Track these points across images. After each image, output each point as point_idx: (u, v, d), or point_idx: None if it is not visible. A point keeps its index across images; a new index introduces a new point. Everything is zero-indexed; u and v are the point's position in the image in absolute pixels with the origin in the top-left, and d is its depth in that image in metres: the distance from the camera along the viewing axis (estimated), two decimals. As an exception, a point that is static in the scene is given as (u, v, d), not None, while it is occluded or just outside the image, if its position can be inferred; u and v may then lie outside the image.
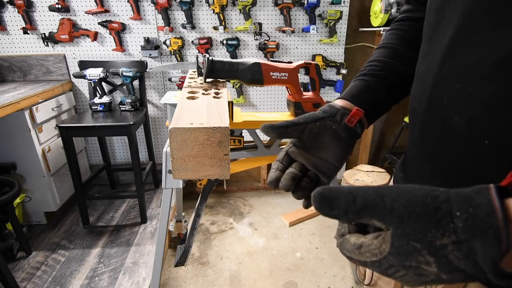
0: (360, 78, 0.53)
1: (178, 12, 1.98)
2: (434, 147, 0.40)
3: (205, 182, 1.36)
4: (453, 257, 0.24)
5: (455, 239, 0.23)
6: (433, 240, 0.24)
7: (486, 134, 0.32)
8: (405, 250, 0.25)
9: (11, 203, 1.47)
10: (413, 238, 0.25)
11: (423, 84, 0.41)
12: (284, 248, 1.86)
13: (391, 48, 0.53)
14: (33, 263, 1.58)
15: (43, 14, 1.94)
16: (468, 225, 0.23)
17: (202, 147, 0.47)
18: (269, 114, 1.24)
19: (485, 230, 0.22)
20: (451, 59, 0.35)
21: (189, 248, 1.45)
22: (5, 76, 2.05)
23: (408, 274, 0.26)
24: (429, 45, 0.40)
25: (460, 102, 0.34)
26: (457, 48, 0.34)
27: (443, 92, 0.36)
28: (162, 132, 2.30)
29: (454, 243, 0.23)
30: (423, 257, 0.25)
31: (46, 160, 1.78)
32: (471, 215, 0.23)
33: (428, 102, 0.39)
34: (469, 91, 0.33)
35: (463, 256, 0.23)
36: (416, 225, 0.25)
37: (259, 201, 2.35)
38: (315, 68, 1.10)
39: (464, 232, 0.23)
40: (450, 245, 0.24)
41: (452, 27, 0.34)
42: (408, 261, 0.25)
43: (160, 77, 2.15)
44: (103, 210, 2.05)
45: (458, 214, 0.23)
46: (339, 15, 2.02)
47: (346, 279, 1.64)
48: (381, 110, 0.53)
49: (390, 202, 0.26)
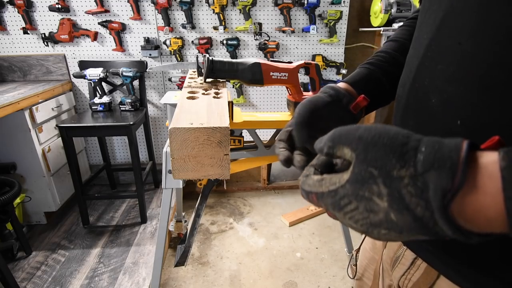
0: (365, 66, 0.53)
1: (178, 12, 1.98)
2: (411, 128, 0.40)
3: (205, 182, 1.36)
4: (406, 192, 0.23)
5: (413, 172, 0.23)
6: (391, 170, 0.24)
7: (459, 115, 0.32)
8: (362, 176, 0.25)
9: (11, 203, 1.47)
10: (372, 165, 0.25)
11: (409, 68, 0.41)
12: (284, 248, 1.86)
13: (400, 42, 0.54)
14: (33, 263, 1.58)
15: (43, 14, 1.94)
16: (429, 158, 0.23)
17: (202, 147, 0.47)
18: (269, 114, 1.24)
19: (443, 163, 0.22)
20: (437, 41, 0.35)
21: (189, 248, 1.45)
22: (5, 76, 2.05)
23: (358, 208, 0.26)
24: (419, 29, 0.40)
25: (440, 83, 0.34)
26: (444, 30, 0.34)
27: (425, 74, 0.37)
28: (162, 132, 2.30)
29: (411, 177, 0.23)
30: (377, 186, 0.25)
31: (46, 160, 1.78)
32: (435, 150, 0.23)
33: (411, 85, 0.40)
34: (449, 72, 0.33)
35: (416, 193, 0.23)
36: (379, 153, 0.25)
37: (259, 201, 2.35)
38: (315, 68, 1.10)
39: (423, 165, 0.23)
40: (406, 178, 0.23)
41: (442, 10, 0.35)
42: (362, 189, 0.25)
43: (160, 77, 2.15)
44: (103, 210, 2.05)
45: (423, 150, 0.23)
46: (339, 15, 2.02)
47: (346, 279, 1.64)
48: (381, 101, 0.53)
49: (362, 131, 0.27)
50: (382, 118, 2.52)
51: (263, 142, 1.16)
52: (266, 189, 2.50)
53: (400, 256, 0.46)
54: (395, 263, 0.47)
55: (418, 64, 0.38)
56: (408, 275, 0.44)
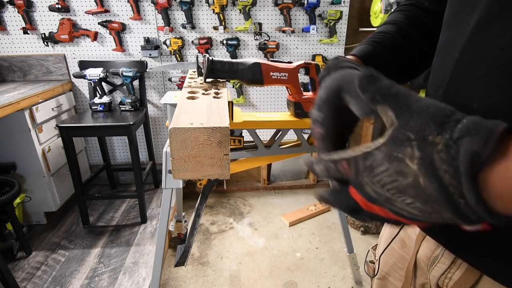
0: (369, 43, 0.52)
1: (178, 12, 1.98)
2: None
3: (205, 182, 1.36)
4: (438, 158, 0.23)
5: (448, 138, 0.23)
6: (427, 135, 0.24)
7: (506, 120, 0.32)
8: (399, 138, 0.25)
9: (11, 203, 1.47)
10: (411, 130, 0.25)
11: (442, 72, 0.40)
12: (284, 248, 1.86)
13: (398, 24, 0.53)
14: (33, 263, 1.58)
15: (43, 14, 1.94)
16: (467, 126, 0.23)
17: (202, 147, 0.47)
18: (269, 114, 1.24)
19: (479, 130, 0.22)
20: (474, 45, 0.35)
21: (189, 248, 1.44)
22: (5, 76, 2.05)
23: (388, 170, 0.26)
24: (449, 32, 0.40)
25: (481, 89, 0.34)
26: (481, 34, 0.34)
27: (463, 79, 0.36)
28: (162, 132, 2.30)
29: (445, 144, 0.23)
30: (411, 149, 0.25)
31: (46, 160, 1.78)
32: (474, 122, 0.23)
33: (447, 89, 0.39)
34: (491, 77, 0.33)
35: (447, 159, 0.23)
36: (421, 120, 0.25)
37: (259, 201, 2.35)
38: (315, 68, 1.10)
39: (459, 131, 0.23)
40: (441, 145, 0.23)
41: (476, 13, 0.34)
42: (396, 150, 0.25)
43: (160, 77, 2.15)
44: (103, 210, 2.05)
45: (464, 121, 0.23)
46: (339, 15, 2.02)
47: (346, 279, 1.64)
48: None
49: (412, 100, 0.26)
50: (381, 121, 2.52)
51: (263, 142, 1.16)
52: (266, 189, 2.50)
53: (440, 255, 0.45)
54: (433, 262, 0.46)
55: (453, 69, 0.38)
56: (448, 274, 0.43)
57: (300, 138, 1.22)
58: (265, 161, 1.22)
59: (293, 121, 1.12)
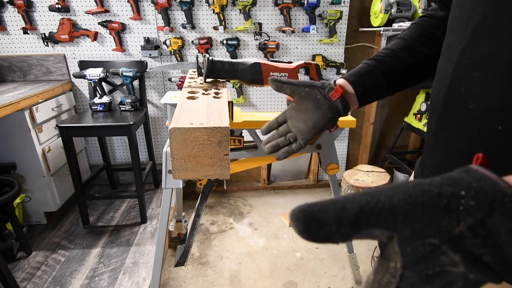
0: (364, 62, 0.57)
1: (178, 12, 1.98)
2: (448, 134, 0.41)
3: (205, 182, 1.36)
4: (472, 245, 0.20)
5: (471, 221, 0.19)
6: (451, 229, 0.20)
7: (500, 120, 0.33)
8: (422, 253, 0.20)
9: (11, 203, 1.47)
10: (427, 234, 0.20)
11: (444, 74, 0.42)
12: (284, 248, 1.86)
13: (404, 40, 0.57)
14: (33, 263, 1.58)
15: (43, 14, 1.94)
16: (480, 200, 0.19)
17: (202, 147, 0.47)
18: (269, 114, 1.24)
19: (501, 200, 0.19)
20: (471, 48, 0.36)
21: (189, 248, 1.44)
22: (5, 76, 2.05)
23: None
24: (451, 36, 0.42)
25: (478, 90, 0.35)
26: (478, 38, 0.35)
27: (462, 81, 0.38)
28: (162, 132, 2.30)
29: (470, 229, 0.19)
30: (446, 256, 0.20)
31: (46, 160, 1.78)
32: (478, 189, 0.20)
33: (447, 91, 0.41)
34: (487, 79, 0.34)
35: (481, 243, 0.19)
36: (426, 217, 0.20)
37: (259, 201, 2.35)
38: (315, 68, 1.09)
39: (479, 209, 0.19)
40: (467, 232, 0.19)
41: (474, 18, 0.36)
42: (430, 267, 0.20)
43: (160, 77, 2.15)
44: (103, 210, 2.05)
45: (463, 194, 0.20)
46: (339, 15, 2.02)
47: (346, 279, 1.64)
48: (375, 93, 0.57)
49: (388, 200, 0.21)
50: (382, 118, 2.52)
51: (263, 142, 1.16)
52: (266, 189, 2.50)
53: None
54: None
55: (453, 71, 0.39)
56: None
57: (300, 138, 1.22)
58: (265, 161, 1.22)
59: (293, 121, 1.12)
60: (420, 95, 2.13)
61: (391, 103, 2.48)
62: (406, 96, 2.35)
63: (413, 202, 0.20)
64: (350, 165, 2.53)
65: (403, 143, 2.59)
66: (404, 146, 2.61)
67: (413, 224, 0.20)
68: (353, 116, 1.42)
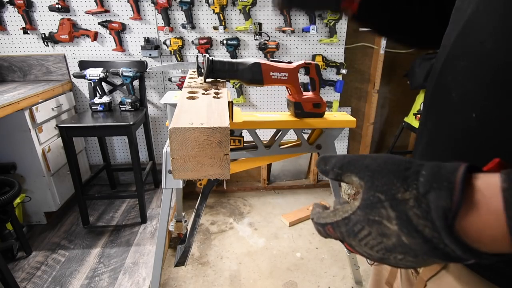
0: None
1: (178, 12, 1.98)
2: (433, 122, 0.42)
3: (205, 182, 1.36)
4: (413, 214, 0.24)
5: (416, 194, 0.24)
6: (396, 193, 0.25)
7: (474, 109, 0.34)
8: (371, 201, 0.27)
9: (11, 203, 1.47)
10: (379, 190, 0.26)
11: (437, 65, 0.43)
12: (284, 248, 1.86)
13: None
14: (33, 263, 1.58)
15: (43, 14, 1.94)
16: (429, 179, 0.24)
17: (202, 147, 0.47)
18: (269, 114, 1.24)
19: (441, 183, 0.23)
20: (462, 39, 0.37)
21: (189, 248, 1.44)
22: (5, 76, 2.05)
23: (371, 233, 0.27)
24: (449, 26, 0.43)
25: (461, 79, 0.36)
26: (468, 29, 0.36)
27: (450, 70, 0.39)
28: (162, 132, 2.30)
29: (415, 199, 0.24)
30: (385, 210, 0.26)
31: (46, 160, 1.78)
32: (434, 172, 0.24)
33: (436, 80, 0.42)
34: (469, 69, 0.35)
35: (422, 214, 0.24)
36: (384, 179, 0.26)
37: (259, 201, 2.35)
38: (315, 68, 1.10)
39: (423, 185, 0.24)
40: (411, 201, 0.24)
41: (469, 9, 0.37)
42: (372, 213, 0.27)
43: (160, 77, 2.15)
44: (103, 210, 2.05)
45: (424, 173, 0.25)
46: (339, 15, 2.01)
47: (346, 279, 1.64)
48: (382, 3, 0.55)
49: (369, 160, 0.29)
50: (382, 118, 2.52)
51: (263, 142, 1.16)
52: (266, 189, 2.50)
53: None
54: None
55: (444, 61, 0.40)
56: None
57: (300, 138, 1.22)
58: (265, 161, 1.22)
59: (293, 121, 1.12)
60: (420, 95, 2.13)
61: (391, 103, 2.48)
62: (406, 96, 2.35)
63: (384, 167, 0.27)
64: (350, 165, 2.53)
65: (403, 143, 2.59)
66: (404, 146, 2.61)
67: (374, 180, 0.27)
68: (353, 116, 1.42)
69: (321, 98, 1.11)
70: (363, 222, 0.27)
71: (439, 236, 0.23)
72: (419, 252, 0.25)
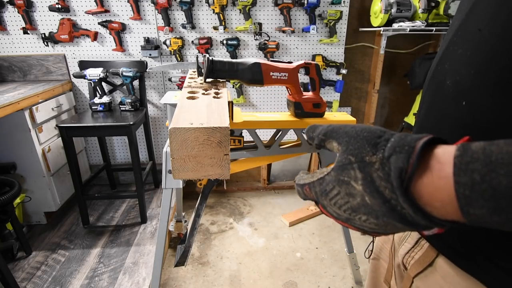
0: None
1: (178, 12, 1.98)
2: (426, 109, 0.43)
3: (205, 182, 1.36)
4: (377, 176, 0.26)
5: (381, 157, 0.26)
6: (364, 156, 0.27)
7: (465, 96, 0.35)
8: (343, 163, 0.29)
9: (11, 203, 1.47)
10: (351, 153, 0.28)
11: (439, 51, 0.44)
12: (284, 248, 1.86)
13: None
14: (33, 263, 1.58)
15: (43, 14, 1.94)
16: (393, 145, 0.26)
17: (202, 147, 0.47)
18: (269, 114, 1.24)
19: (403, 148, 0.25)
20: (463, 27, 0.38)
21: (189, 248, 1.44)
22: (5, 76, 2.05)
23: (340, 193, 0.29)
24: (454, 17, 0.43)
25: (457, 66, 0.37)
26: (470, 17, 0.37)
27: (448, 58, 0.39)
28: (162, 132, 2.30)
29: (381, 163, 0.26)
30: (353, 171, 0.28)
31: (46, 160, 1.78)
32: (400, 139, 0.26)
33: (435, 68, 0.42)
34: (466, 56, 0.35)
35: (384, 176, 0.25)
36: (358, 144, 0.28)
37: (259, 201, 2.35)
38: (315, 68, 1.10)
39: (388, 150, 0.26)
40: (377, 164, 0.26)
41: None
42: (342, 174, 0.29)
43: (160, 77, 2.15)
44: (103, 210, 2.05)
45: (392, 140, 0.27)
46: (339, 15, 2.02)
47: (346, 279, 1.64)
48: None
49: (348, 128, 0.31)
50: (382, 118, 2.52)
51: (263, 142, 1.16)
52: (266, 189, 2.50)
53: (407, 235, 0.48)
54: (402, 242, 0.49)
55: (444, 49, 0.41)
56: (412, 253, 0.46)
57: (300, 138, 1.22)
58: (265, 161, 1.22)
59: (293, 121, 1.12)
60: (420, 95, 2.13)
61: (391, 103, 2.48)
62: (406, 96, 2.35)
63: (360, 134, 0.29)
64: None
65: (403, 143, 2.59)
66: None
67: (349, 145, 0.29)
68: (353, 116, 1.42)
69: (321, 98, 1.11)
70: (334, 182, 0.29)
71: (396, 197, 0.25)
72: (380, 213, 0.26)
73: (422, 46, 2.27)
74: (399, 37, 2.16)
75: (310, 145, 1.23)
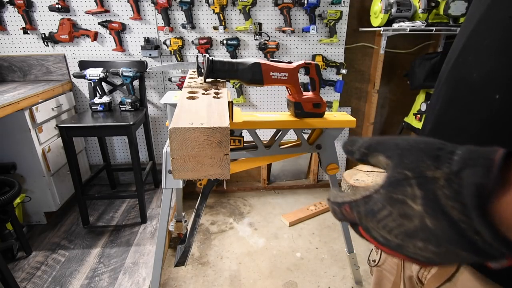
0: None
1: (178, 12, 1.98)
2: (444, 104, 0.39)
3: (205, 182, 1.36)
4: (442, 194, 0.22)
5: (447, 172, 0.22)
6: (425, 170, 0.23)
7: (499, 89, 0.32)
8: (396, 178, 0.24)
9: (11, 203, 1.47)
10: (407, 167, 0.24)
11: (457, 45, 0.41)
12: (284, 248, 1.86)
13: None
14: (33, 263, 1.58)
15: (43, 14, 1.94)
16: (464, 157, 0.22)
17: (202, 147, 0.47)
18: (269, 114, 1.24)
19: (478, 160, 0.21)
20: (487, 16, 0.35)
21: (189, 248, 1.44)
22: (5, 76, 2.05)
23: (392, 214, 0.24)
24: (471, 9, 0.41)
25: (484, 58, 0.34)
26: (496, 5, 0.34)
27: (471, 49, 0.37)
28: (162, 132, 2.30)
29: (446, 178, 0.22)
30: (411, 188, 0.23)
31: (46, 160, 1.78)
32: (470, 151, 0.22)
33: (455, 60, 0.39)
34: (495, 46, 0.33)
35: (451, 194, 0.21)
36: (414, 156, 0.24)
37: (259, 201, 2.35)
38: (315, 68, 1.10)
39: (457, 163, 0.22)
40: (441, 180, 0.22)
41: None
42: (396, 192, 0.24)
43: (160, 77, 2.15)
44: (103, 210, 2.05)
45: (459, 152, 0.23)
46: (339, 15, 2.02)
47: (346, 279, 1.64)
48: None
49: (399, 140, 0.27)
50: (382, 118, 2.52)
51: (263, 142, 1.16)
52: (266, 189, 2.50)
53: None
54: None
55: (465, 40, 0.38)
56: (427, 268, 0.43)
57: (300, 138, 1.22)
58: (265, 161, 1.22)
59: (293, 121, 1.12)
60: (420, 95, 2.13)
61: (391, 103, 2.48)
62: (406, 96, 2.35)
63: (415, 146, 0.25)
64: (350, 165, 2.53)
65: (403, 143, 2.59)
66: (404, 146, 2.61)
67: (403, 158, 0.25)
68: (353, 116, 1.42)
69: (321, 98, 1.11)
70: (385, 201, 0.25)
71: (467, 219, 0.21)
72: (442, 239, 0.22)
73: (422, 46, 2.27)
74: (399, 37, 2.16)
75: (310, 146, 1.23)
